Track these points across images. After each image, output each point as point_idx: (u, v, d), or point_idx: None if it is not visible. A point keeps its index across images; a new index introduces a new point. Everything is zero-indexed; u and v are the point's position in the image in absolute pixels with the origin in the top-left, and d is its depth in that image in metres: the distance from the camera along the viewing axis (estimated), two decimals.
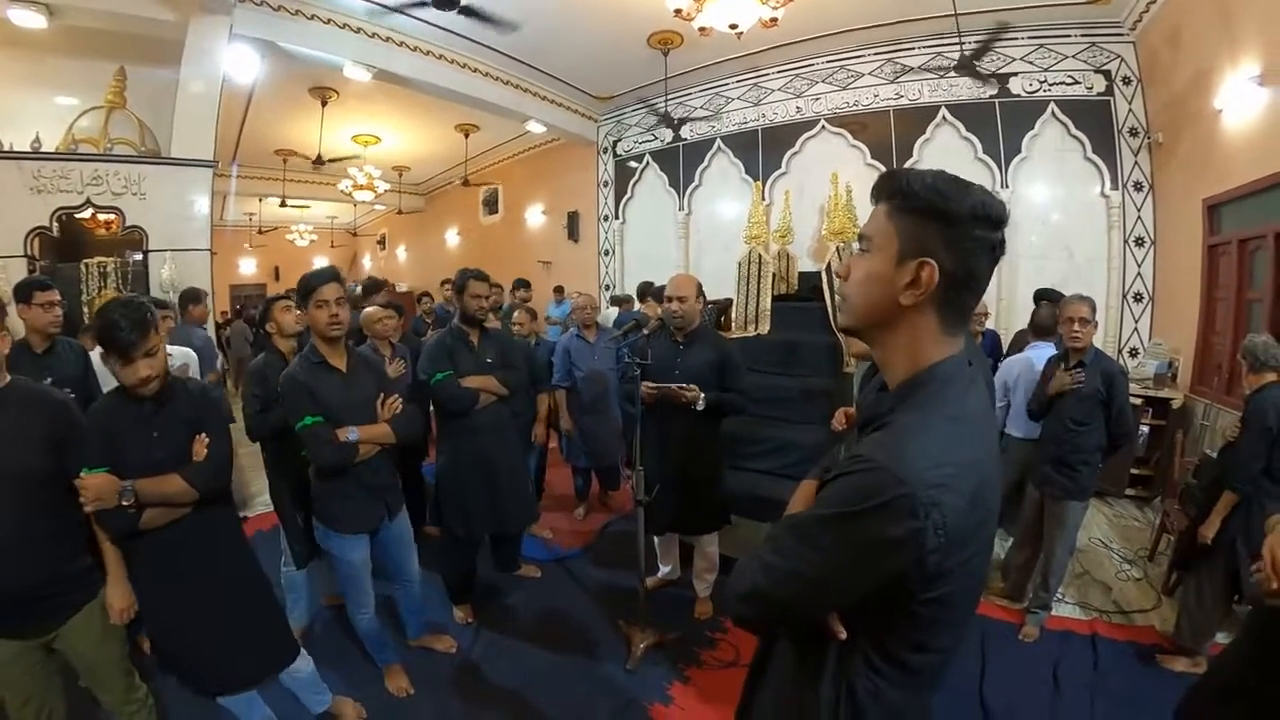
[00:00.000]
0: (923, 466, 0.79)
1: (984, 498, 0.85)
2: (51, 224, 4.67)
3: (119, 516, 1.85)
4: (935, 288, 0.87)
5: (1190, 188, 4.96)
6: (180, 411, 2.01)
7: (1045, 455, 3.16)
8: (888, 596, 0.85)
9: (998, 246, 0.88)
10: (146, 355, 1.82)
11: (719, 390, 3.11)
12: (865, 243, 0.95)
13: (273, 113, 8.15)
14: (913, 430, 0.85)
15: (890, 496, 0.78)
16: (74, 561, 1.93)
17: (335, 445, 2.39)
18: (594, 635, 3.24)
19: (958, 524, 0.80)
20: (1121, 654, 3.02)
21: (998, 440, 1.02)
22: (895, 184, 0.91)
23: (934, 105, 6.32)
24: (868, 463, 0.83)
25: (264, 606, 2.25)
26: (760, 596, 0.92)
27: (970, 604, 0.97)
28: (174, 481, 1.92)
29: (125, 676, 2.09)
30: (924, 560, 0.80)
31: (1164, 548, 3.91)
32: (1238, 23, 4.14)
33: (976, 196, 0.86)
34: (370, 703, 2.65)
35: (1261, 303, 4.17)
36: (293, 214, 13.50)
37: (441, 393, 3.05)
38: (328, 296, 2.39)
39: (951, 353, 0.91)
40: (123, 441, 1.90)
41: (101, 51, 5.34)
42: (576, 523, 4.69)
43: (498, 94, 7.29)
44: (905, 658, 0.90)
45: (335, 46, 5.75)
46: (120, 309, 1.79)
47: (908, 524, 0.78)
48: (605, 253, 9.14)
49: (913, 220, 0.89)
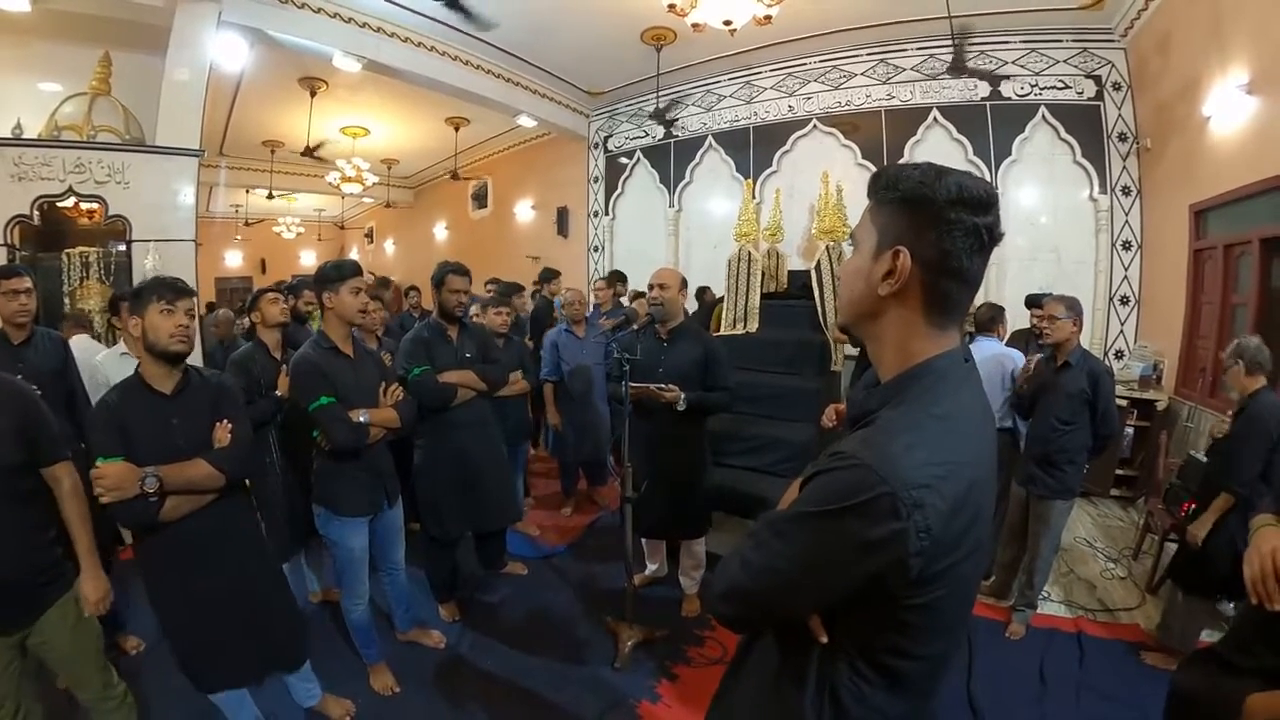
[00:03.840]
0: (907, 465, 0.76)
1: (973, 500, 0.82)
2: (32, 212, 4.57)
3: (138, 507, 1.82)
4: (912, 276, 0.85)
5: (1177, 193, 5.01)
6: (199, 399, 2.03)
7: (1031, 454, 3.18)
8: (870, 600, 0.81)
9: (985, 230, 0.84)
10: (187, 309, 1.94)
11: (704, 386, 3.10)
12: (853, 241, 0.96)
13: (260, 103, 8.03)
14: (898, 427, 0.82)
15: (871, 495, 0.75)
16: (47, 553, 1.89)
17: (350, 424, 2.45)
18: (581, 633, 3.23)
19: (943, 527, 0.77)
20: (1106, 651, 3.05)
21: (994, 440, 0.97)
22: (878, 179, 0.91)
23: (925, 107, 6.34)
24: (849, 459, 0.79)
25: (281, 599, 2.29)
26: (738, 593, 0.90)
27: (962, 611, 0.93)
28: (200, 466, 1.92)
29: (102, 672, 2.06)
30: (906, 563, 0.76)
31: (1148, 547, 3.95)
32: (1228, 31, 4.18)
33: (954, 179, 0.83)
34: (355, 701, 2.63)
35: (1246, 307, 4.22)
36: (280, 206, 13.37)
37: (418, 388, 3.00)
38: (361, 285, 2.52)
39: (946, 348, 0.89)
40: (138, 430, 1.88)
41: (86, 36, 5.23)
42: (563, 519, 4.68)
43: (489, 87, 7.24)
44: (891, 664, 0.86)
45: (325, 36, 5.67)
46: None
47: (889, 524, 0.74)
48: (594, 249, 9.11)
49: (889, 211, 0.88)
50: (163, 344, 1.91)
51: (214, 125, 7.83)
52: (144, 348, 1.95)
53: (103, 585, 1.96)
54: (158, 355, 1.93)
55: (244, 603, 2.09)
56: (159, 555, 1.98)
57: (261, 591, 2.18)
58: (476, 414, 3.24)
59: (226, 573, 2.04)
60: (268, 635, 2.18)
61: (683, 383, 3.05)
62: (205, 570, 2.00)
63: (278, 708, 2.47)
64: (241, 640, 2.10)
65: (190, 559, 1.98)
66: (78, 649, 1.97)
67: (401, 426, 2.66)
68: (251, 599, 2.12)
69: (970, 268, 0.86)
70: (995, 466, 0.94)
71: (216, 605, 2.02)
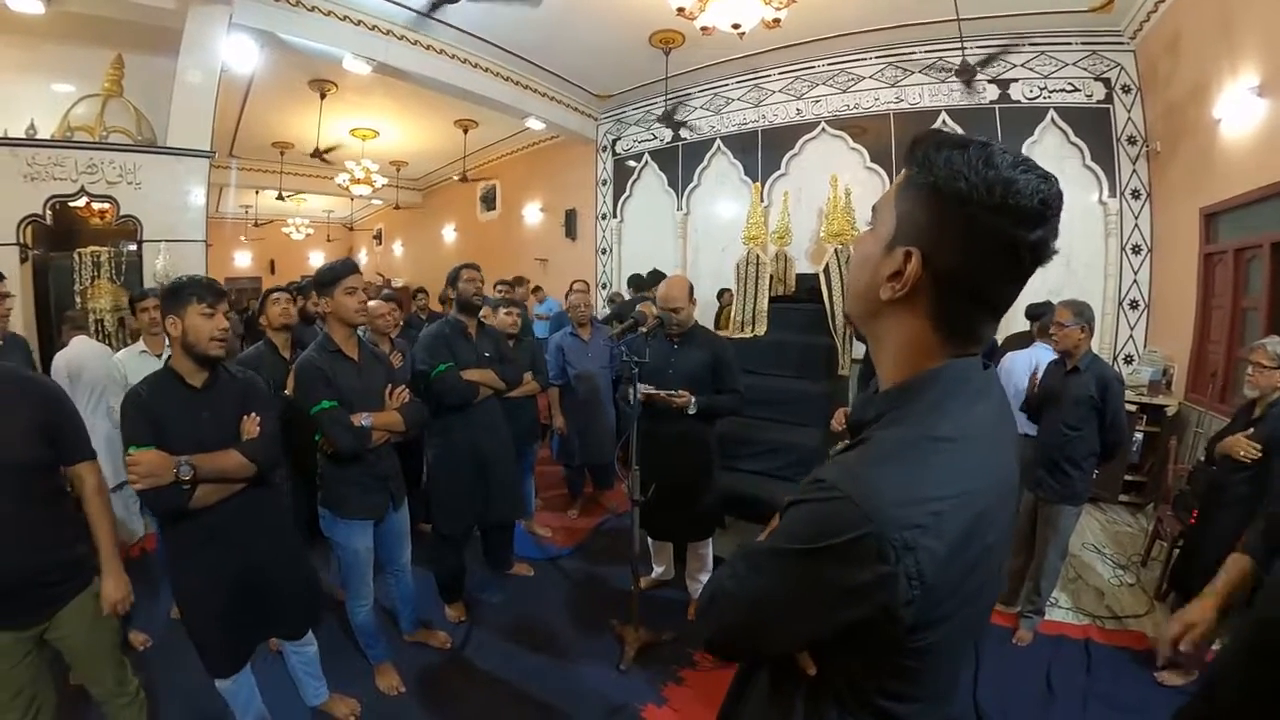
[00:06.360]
0: (897, 500, 0.65)
1: (980, 535, 0.70)
2: (45, 212, 4.62)
3: (172, 494, 1.87)
4: (922, 284, 0.72)
5: (1187, 196, 4.97)
6: (228, 394, 2.08)
7: (1040, 458, 3.16)
8: (860, 644, 0.71)
9: (1026, 250, 0.68)
10: (225, 312, 2.01)
11: (714, 389, 3.10)
12: (873, 216, 0.80)
13: (271, 105, 8.08)
14: (891, 452, 0.71)
15: (852, 536, 0.64)
16: (71, 549, 1.91)
17: (352, 429, 2.46)
18: (587, 635, 3.23)
19: (940, 571, 0.66)
20: (1114, 659, 3.03)
21: (1014, 461, 0.83)
22: (915, 147, 0.73)
23: (934, 110, 6.31)
24: (828, 490, 0.68)
25: (305, 577, 2.37)
26: (716, 624, 0.83)
27: (965, 647, 0.82)
28: (232, 457, 1.98)
29: (118, 668, 2.07)
30: (894, 611, 0.66)
31: (1157, 553, 3.92)
32: (1238, 33, 4.15)
33: (1002, 176, 0.66)
34: (361, 700, 2.64)
35: (1257, 311, 4.18)
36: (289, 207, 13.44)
37: (442, 385, 3.03)
38: (357, 284, 2.51)
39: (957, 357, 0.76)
40: (169, 421, 1.93)
41: (99, 38, 5.28)
42: (569, 521, 4.67)
43: (498, 90, 7.25)
44: (885, 707, 0.76)
45: (335, 39, 5.70)
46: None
47: (874, 568, 0.64)
48: (602, 251, 9.11)
49: (915, 196, 0.72)
50: (203, 346, 1.97)
51: (225, 127, 7.88)
52: (181, 347, 1.98)
53: (124, 585, 1.98)
54: (195, 357, 1.98)
55: (264, 587, 2.14)
56: (186, 542, 2.02)
57: (283, 573, 2.22)
58: (489, 412, 3.27)
59: (250, 558, 2.09)
60: (279, 605, 2.23)
61: (692, 385, 3.05)
62: (230, 555, 2.04)
63: (284, 705, 2.48)
64: (253, 623, 2.16)
65: (215, 544, 2.02)
66: (95, 645, 1.98)
67: (407, 429, 2.66)
68: (272, 583, 2.17)
69: (994, 292, 0.72)
70: (1015, 488, 0.83)
71: (240, 590, 2.07)
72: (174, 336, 1.98)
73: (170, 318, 1.96)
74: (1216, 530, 2.76)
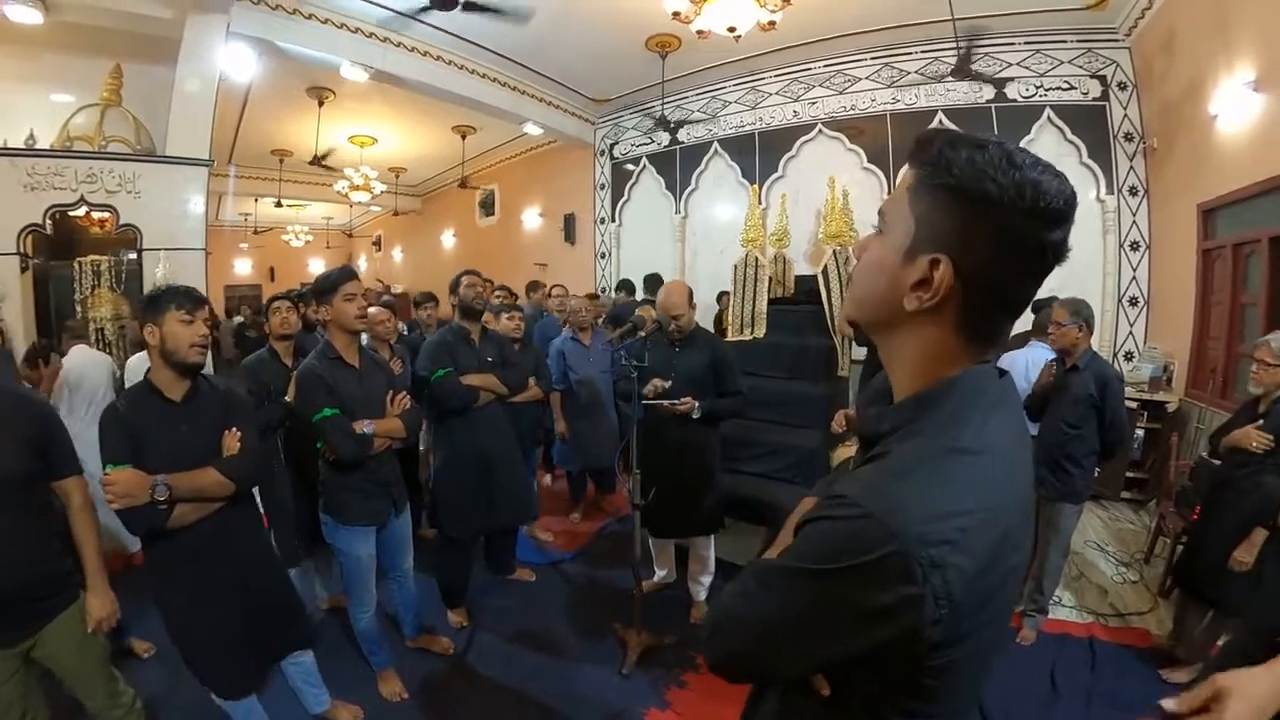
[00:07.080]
0: (923, 516, 0.62)
1: (1005, 553, 0.67)
2: (45, 222, 4.63)
3: (148, 513, 1.83)
4: (951, 295, 0.69)
5: (1185, 193, 4.98)
6: (209, 407, 2.04)
7: (1040, 457, 3.15)
8: (878, 665, 0.68)
9: (1050, 250, 0.67)
10: (205, 319, 1.97)
11: (716, 391, 3.11)
12: (881, 220, 0.77)
13: (269, 112, 8.10)
14: (913, 466, 0.67)
15: (877, 555, 0.61)
16: (58, 563, 1.90)
17: (354, 436, 2.45)
18: (589, 639, 3.23)
19: (969, 589, 0.63)
20: (1118, 657, 3.03)
21: (1031, 474, 0.80)
22: (929, 150, 0.71)
23: (931, 110, 6.32)
24: (851, 507, 0.64)
25: (286, 598, 2.32)
26: (723, 646, 0.79)
27: (986, 664, 0.77)
28: (209, 474, 1.94)
29: (108, 682, 2.05)
30: (921, 631, 0.62)
31: (1160, 550, 3.92)
32: (1233, 28, 4.16)
33: (1029, 176, 0.65)
34: (364, 707, 2.63)
35: (1256, 306, 4.18)
36: (288, 214, 13.46)
37: (441, 390, 3.06)
38: (356, 291, 2.49)
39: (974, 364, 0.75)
40: (148, 437, 1.89)
41: (97, 48, 5.30)
42: (571, 526, 4.67)
43: (495, 96, 7.27)
44: None
45: (333, 46, 5.72)
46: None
47: (900, 590, 0.61)
48: (601, 255, 9.12)
49: (936, 200, 0.69)
50: (182, 354, 1.92)
51: (223, 135, 7.88)
52: (160, 356, 1.94)
53: (109, 603, 1.95)
54: (175, 365, 1.94)
55: (249, 608, 2.10)
56: (166, 561, 1.99)
57: (265, 596, 2.18)
58: (493, 417, 3.28)
59: (232, 578, 2.05)
60: (269, 635, 2.20)
61: (694, 388, 3.06)
62: (211, 576, 2.01)
63: (287, 713, 2.47)
64: (246, 645, 2.11)
65: (197, 565, 1.99)
66: (83, 660, 1.96)
67: (408, 436, 2.67)
68: (256, 604, 2.13)
69: (1019, 295, 0.71)
70: (1033, 505, 0.81)
71: (221, 610, 2.03)
72: (153, 345, 1.94)
73: (149, 326, 1.92)
74: (1220, 526, 2.76)
